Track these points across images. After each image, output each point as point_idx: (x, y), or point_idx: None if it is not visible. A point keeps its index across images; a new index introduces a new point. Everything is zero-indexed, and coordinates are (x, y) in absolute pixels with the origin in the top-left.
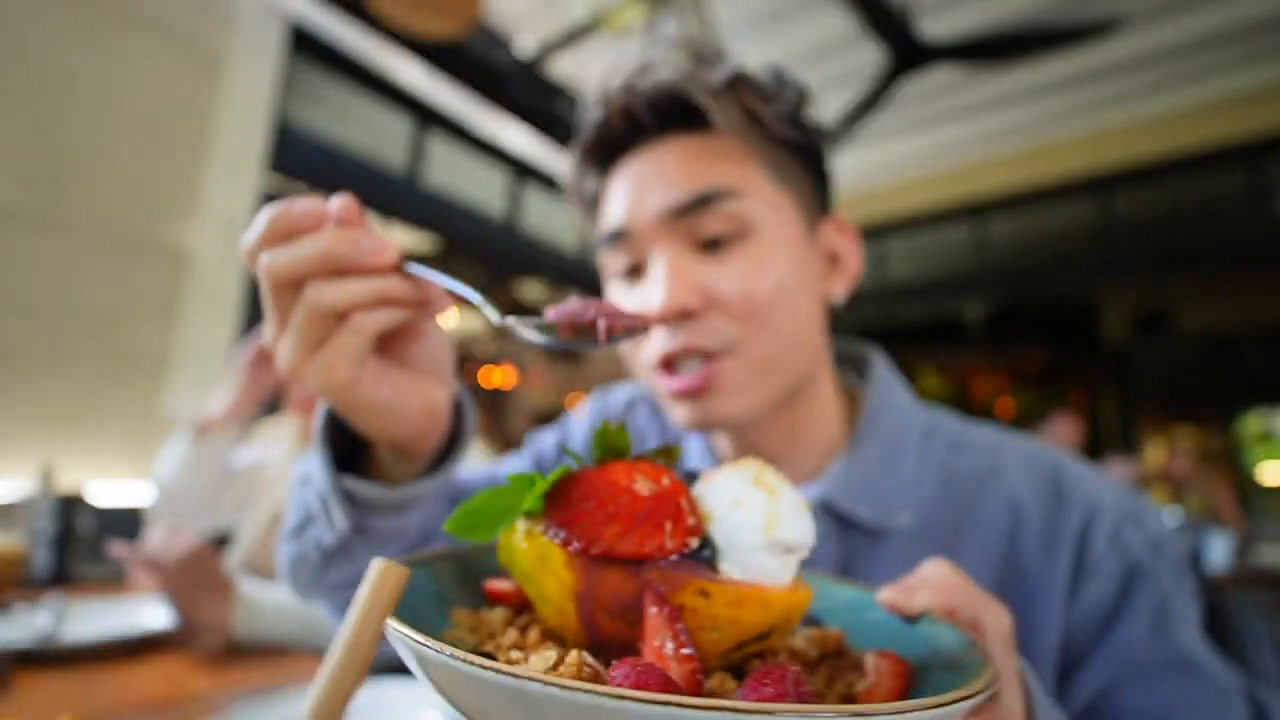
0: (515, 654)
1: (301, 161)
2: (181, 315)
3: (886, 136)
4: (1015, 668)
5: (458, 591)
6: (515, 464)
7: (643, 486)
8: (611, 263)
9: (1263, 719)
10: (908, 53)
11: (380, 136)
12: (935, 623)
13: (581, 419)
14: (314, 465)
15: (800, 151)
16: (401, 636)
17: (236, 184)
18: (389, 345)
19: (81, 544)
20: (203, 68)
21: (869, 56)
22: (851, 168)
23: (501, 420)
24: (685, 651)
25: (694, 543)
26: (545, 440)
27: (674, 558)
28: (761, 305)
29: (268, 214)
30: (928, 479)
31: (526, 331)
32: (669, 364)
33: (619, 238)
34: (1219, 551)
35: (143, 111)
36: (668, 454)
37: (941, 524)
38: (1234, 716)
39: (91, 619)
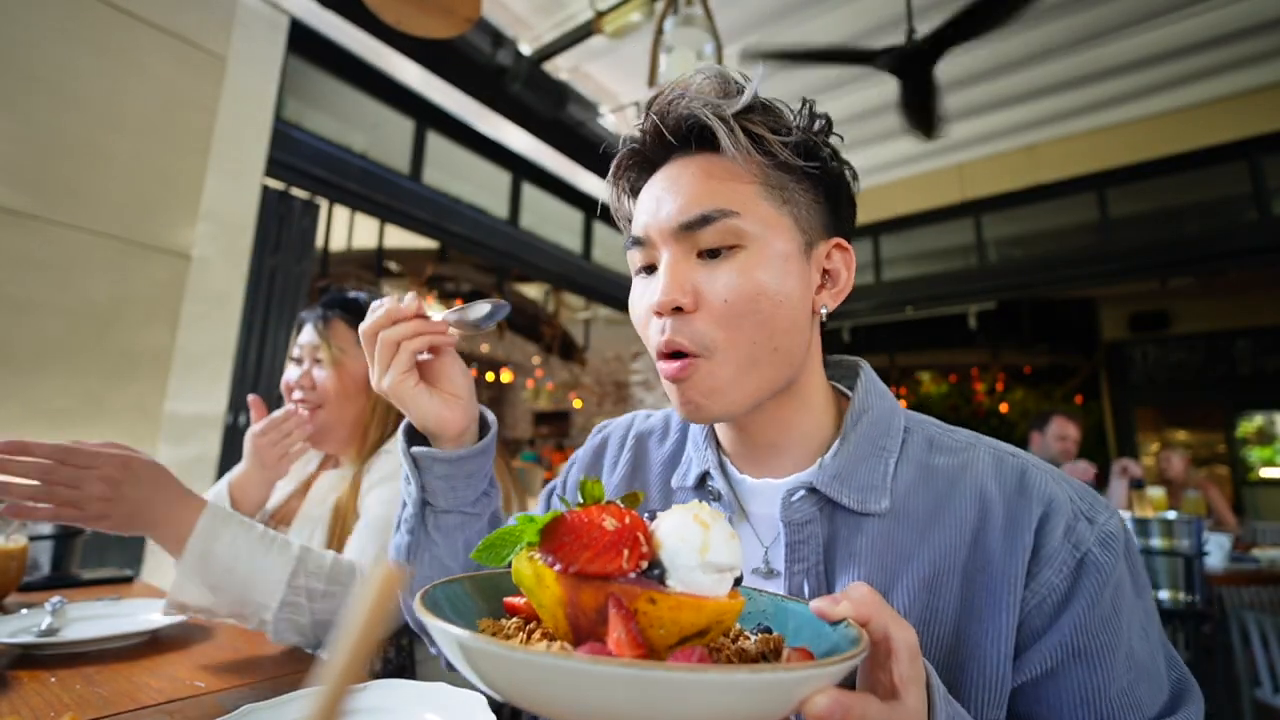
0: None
1: (301, 161)
2: (183, 315)
3: (887, 136)
4: (920, 677)
5: (485, 605)
6: (537, 510)
7: (609, 523)
8: (634, 261)
9: (1175, 702)
10: (918, 77)
11: (380, 136)
12: (850, 626)
13: (576, 462)
14: (398, 445)
15: (808, 179)
16: (441, 628)
17: (239, 184)
18: (429, 374)
19: (81, 544)
20: (205, 68)
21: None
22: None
23: (502, 420)
24: (634, 638)
25: (645, 564)
26: (554, 485)
27: (631, 575)
28: (736, 312)
29: (377, 310)
30: (906, 471)
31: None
32: (663, 355)
33: (640, 243)
34: (1215, 552)
35: (145, 111)
36: (633, 499)
37: (916, 511)
38: (1154, 701)
39: (91, 619)
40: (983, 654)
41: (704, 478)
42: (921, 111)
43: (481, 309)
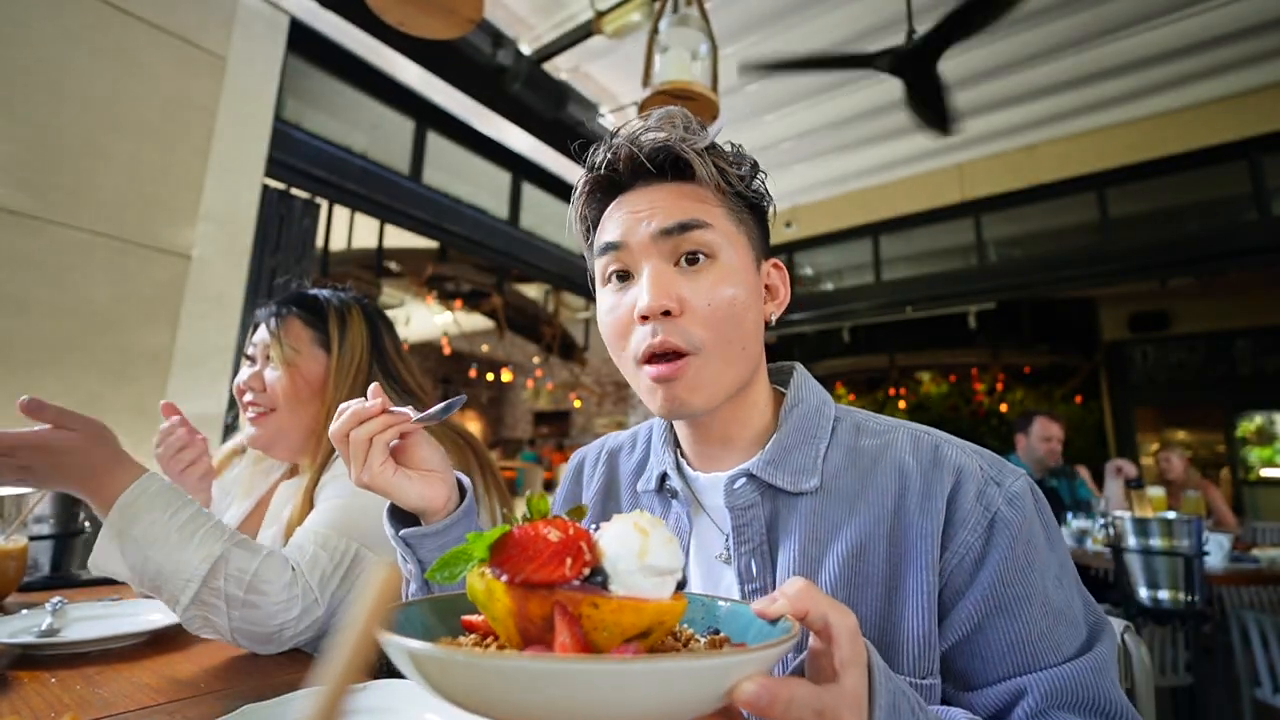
0: None
1: (301, 161)
2: (183, 315)
3: (886, 136)
4: (860, 659)
5: (444, 626)
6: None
7: (553, 535)
8: (605, 268)
9: (1091, 640)
10: (920, 74)
11: (380, 136)
12: (789, 622)
13: (561, 484)
14: (386, 529)
15: (750, 207)
16: (394, 643)
17: (239, 184)
18: (404, 458)
19: (81, 544)
20: (205, 68)
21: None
22: (852, 168)
23: (502, 420)
24: (578, 640)
25: (587, 572)
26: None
27: (576, 582)
28: (721, 316)
29: (343, 413)
30: (835, 454)
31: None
32: (650, 358)
33: (615, 247)
34: (1215, 552)
35: (144, 112)
36: (578, 512)
37: (844, 488)
38: (1073, 640)
39: (91, 619)
40: (910, 611)
41: (663, 479)
42: (932, 109)
43: (438, 407)
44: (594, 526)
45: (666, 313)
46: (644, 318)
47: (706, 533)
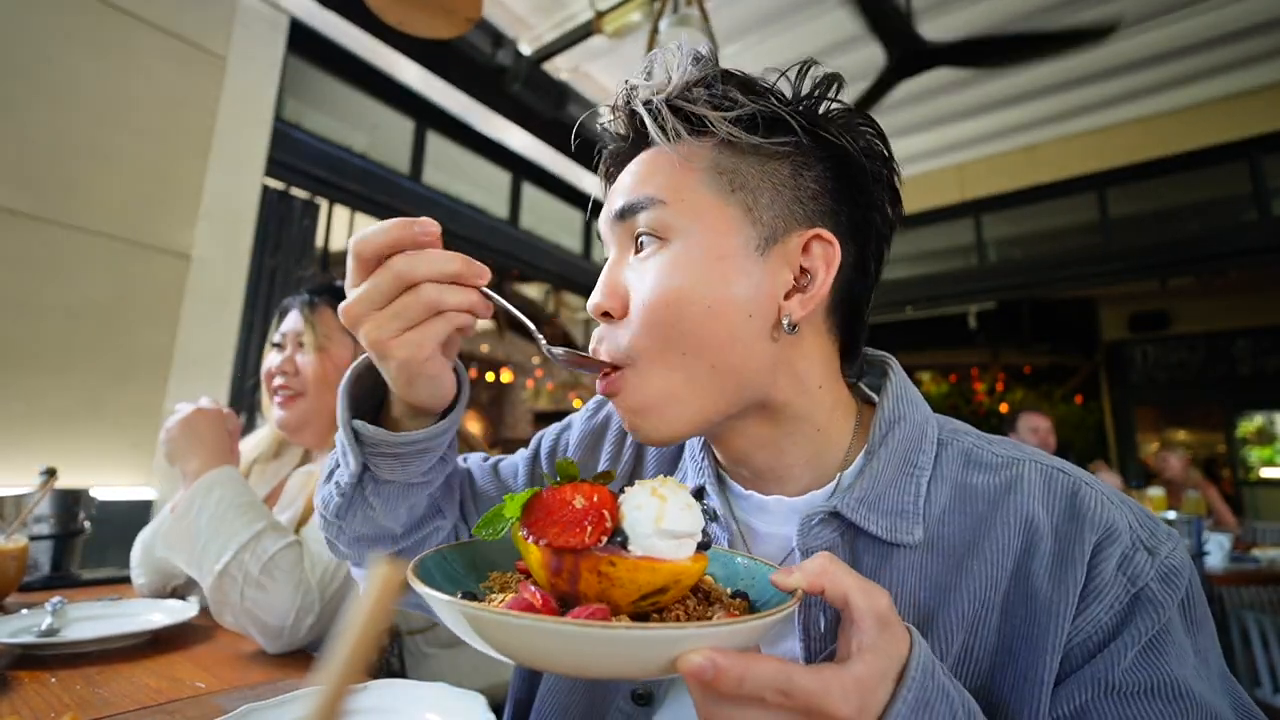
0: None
1: (301, 161)
2: (183, 315)
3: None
4: (883, 648)
5: (489, 563)
6: (515, 459)
7: (578, 501)
8: None
9: None
10: (908, 56)
11: (380, 136)
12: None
13: (579, 419)
14: (338, 413)
15: (773, 156)
16: (441, 600)
17: (239, 184)
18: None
19: (82, 544)
20: (205, 68)
21: (871, 60)
22: None
23: (502, 420)
24: (596, 607)
25: (604, 538)
26: (546, 436)
27: (602, 543)
28: (657, 318)
29: (391, 229)
30: (940, 492)
31: (556, 356)
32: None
33: (600, 237)
34: (1215, 552)
35: (145, 112)
36: (606, 476)
37: (952, 539)
38: None
39: (91, 619)
40: (1017, 698)
41: (700, 492)
42: (985, 53)
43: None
44: (620, 491)
45: (607, 314)
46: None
47: None
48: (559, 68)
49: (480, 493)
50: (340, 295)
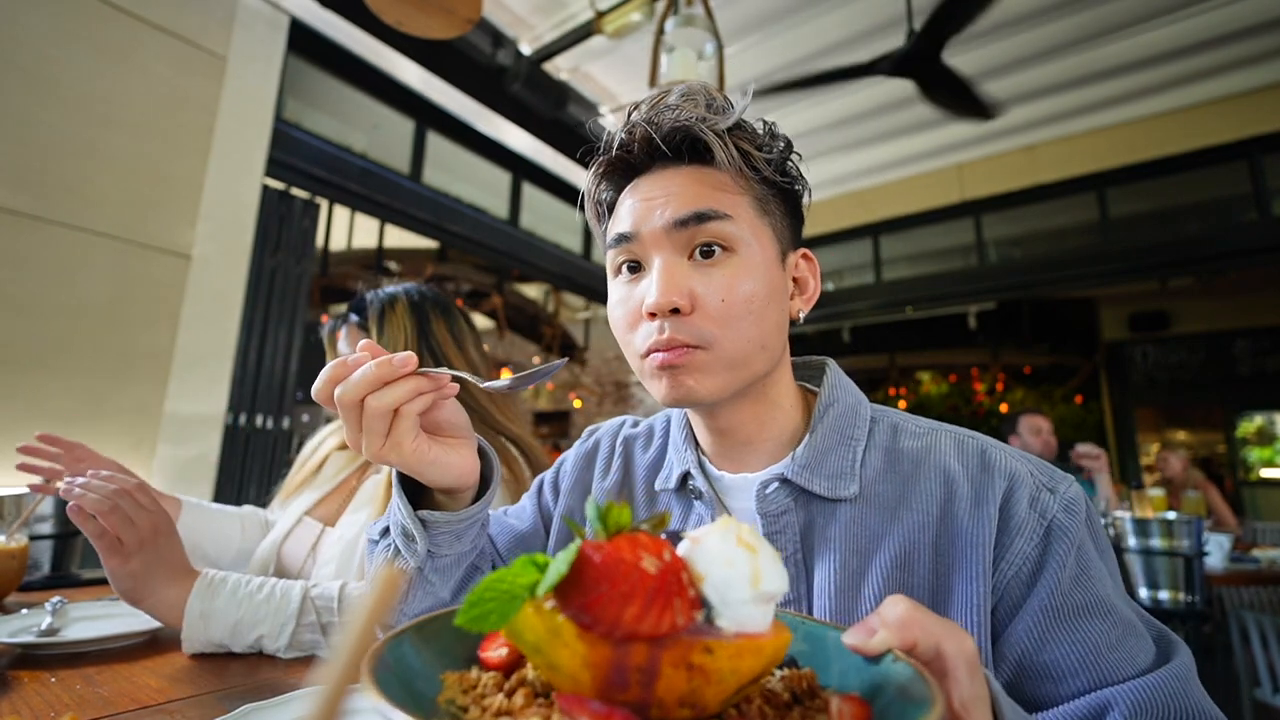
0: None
1: (301, 161)
2: (183, 315)
3: (887, 137)
4: (981, 692)
5: (438, 659)
6: (520, 510)
7: (649, 564)
8: (615, 260)
9: (1164, 656)
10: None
11: (380, 136)
12: (897, 660)
13: (573, 449)
14: (396, 508)
15: (780, 193)
16: (388, 707)
17: (239, 184)
18: (427, 423)
19: (82, 544)
20: (205, 68)
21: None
22: (851, 168)
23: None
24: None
25: (699, 615)
26: (544, 486)
27: (696, 621)
28: (734, 312)
29: (327, 372)
30: (874, 457)
31: (505, 386)
32: (655, 349)
33: (627, 239)
34: (1215, 552)
35: (145, 111)
36: (660, 521)
37: (885, 494)
38: (1145, 652)
39: (92, 619)
40: (959, 623)
41: (685, 478)
42: (961, 100)
43: (535, 370)
44: (671, 539)
45: (676, 310)
46: (652, 314)
47: None
48: (559, 68)
49: (498, 542)
50: (358, 307)
